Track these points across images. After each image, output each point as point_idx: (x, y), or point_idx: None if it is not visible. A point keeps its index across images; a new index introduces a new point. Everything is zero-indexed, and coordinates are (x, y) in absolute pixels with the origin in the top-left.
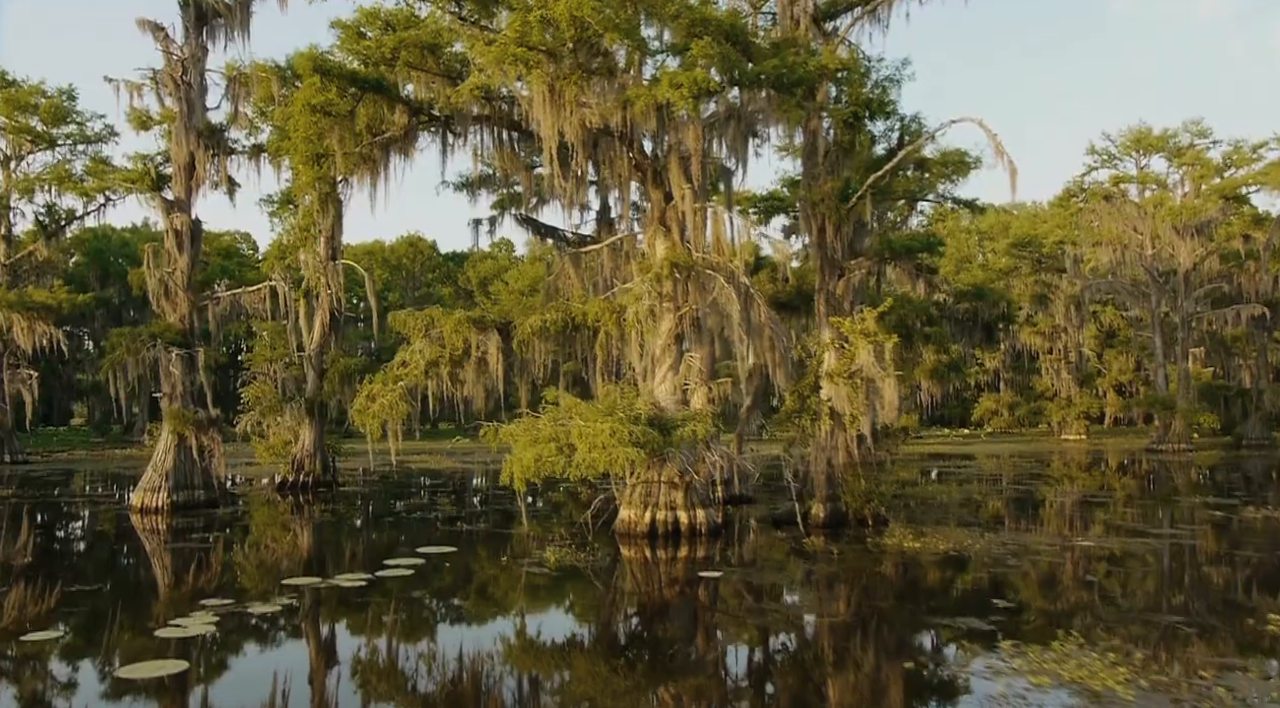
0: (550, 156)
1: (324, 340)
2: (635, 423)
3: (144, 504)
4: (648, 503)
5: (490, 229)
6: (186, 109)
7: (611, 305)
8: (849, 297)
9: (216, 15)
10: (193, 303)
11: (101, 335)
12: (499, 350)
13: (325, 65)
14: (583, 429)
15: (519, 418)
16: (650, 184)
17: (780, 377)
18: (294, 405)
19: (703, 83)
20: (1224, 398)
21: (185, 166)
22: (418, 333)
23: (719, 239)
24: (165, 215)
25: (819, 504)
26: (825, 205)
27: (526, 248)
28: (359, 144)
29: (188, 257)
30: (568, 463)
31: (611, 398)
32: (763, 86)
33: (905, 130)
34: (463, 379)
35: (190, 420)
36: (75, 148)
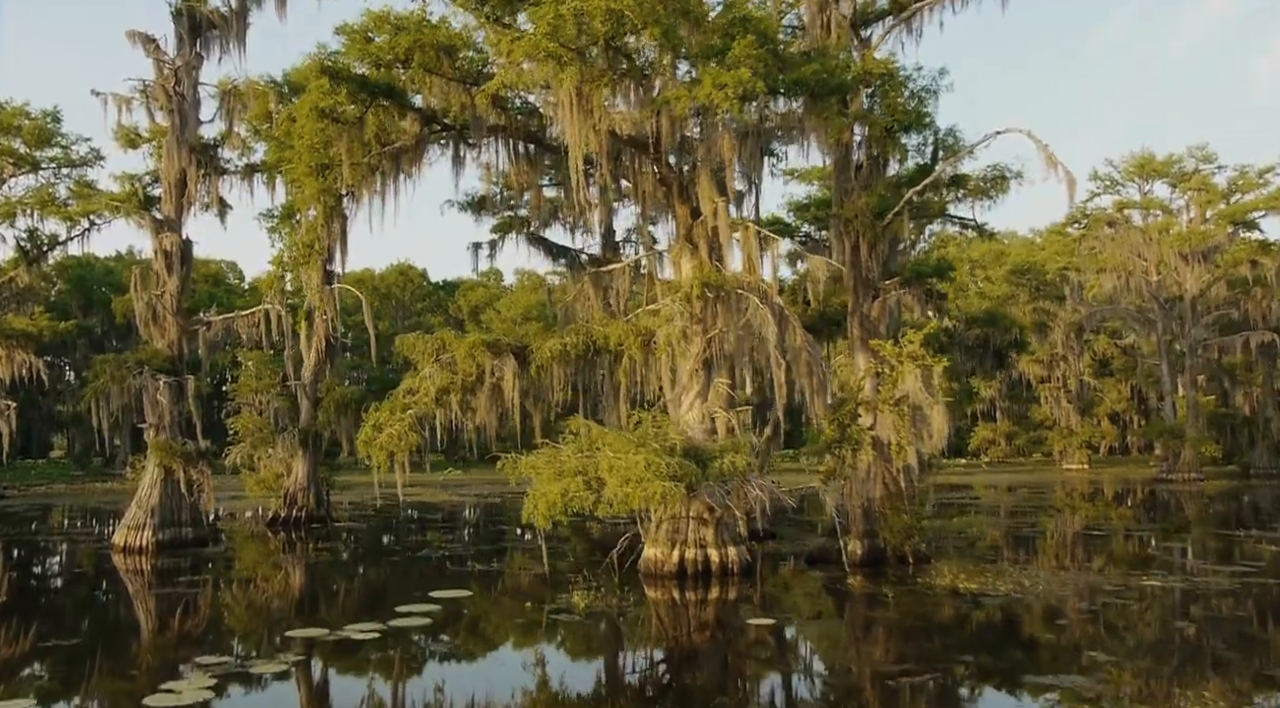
0: (575, 167)
1: (319, 369)
2: (670, 454)
3: (127, 543)
4: (675, 541)
5: (490, 253)
6: (179, 122)
7: (635, 328)
8: (884, 319)
9: (211, 26)
10: (182, 328)
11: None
12: (515, 377)
13: (334, 67)
14: (613, 462)
15: (539, 449)
16: (676, 199)
17: (818, 404)
18: (287, 437)
19: (747, 83)
20: (1230, 426)
21: (176, 183)
22: (427, 358)
23: (750, 257)
24: (154, 235)
25: (856, 540)
26: (860, 222)
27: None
28: (367, 154)
29: (177, 279)
30: (596, 499)
31: (643, 427)
32: (801, 93)
33: (940, 144)
34: (474, 408)
35: (178, 453)
36: (59, 171)
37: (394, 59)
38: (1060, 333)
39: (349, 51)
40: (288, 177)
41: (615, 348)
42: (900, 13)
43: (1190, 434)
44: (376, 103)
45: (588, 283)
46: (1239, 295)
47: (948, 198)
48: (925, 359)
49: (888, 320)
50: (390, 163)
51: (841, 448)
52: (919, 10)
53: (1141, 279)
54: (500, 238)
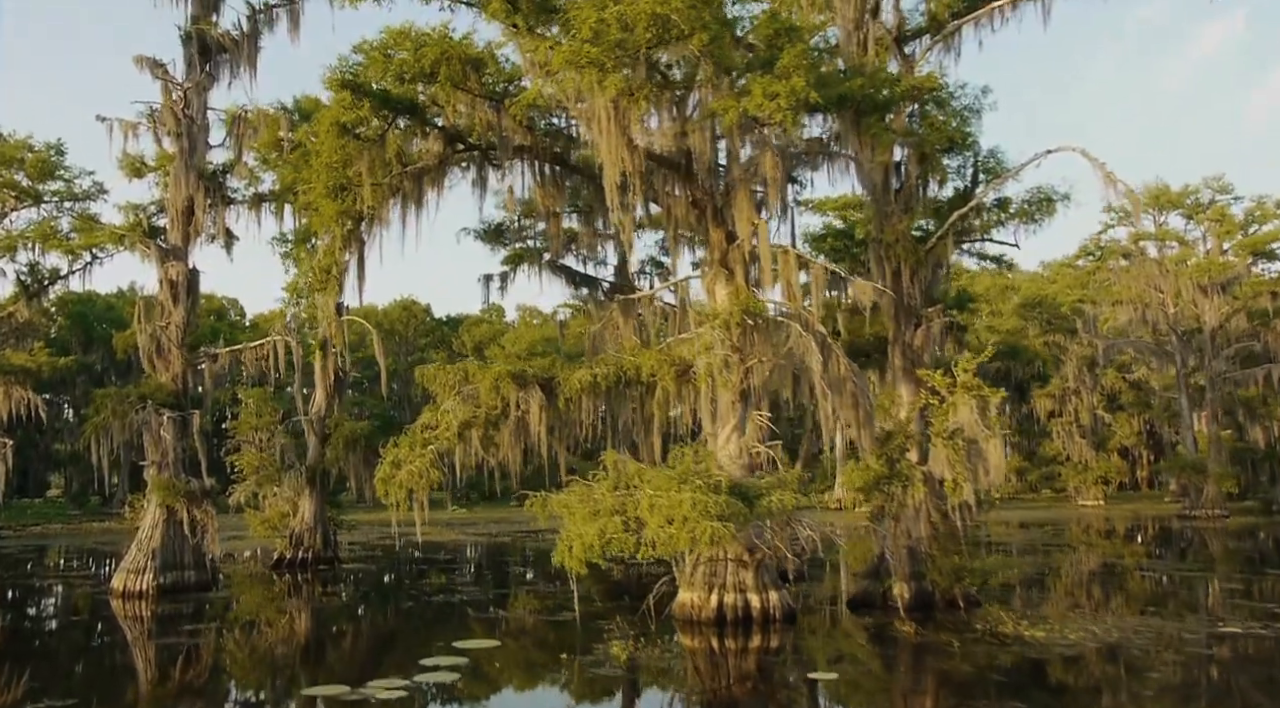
0: (610, 187)
1: (327, 404)
2: (715, 492)
3: (126, 587)
4: (713, 584)
5: (502, 285)
6: (188, 146)
7: (669, 358)
8: (928, 348)
9: (221, 50)
10: (187, 361)
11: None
12: (542, 409)
13: (356, 80)
14: (654, 500)
15: (567, 487)
16: (710, 222)
17: (865, 437)
18: (293, 474)
19: (801, 92)
20: (1250, 461)
21: (183, 211)
22: (449, 390)
23: (790, 283)
24: (159, 264)
25: (902, 583)
26: (901, 247)
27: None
28: (388, 175)
29: (183, 310)
30: (636, 541)
31: (684, 463)
32: (845, 109)
33: (981, 166)
34: (497, 443)
35: (181, 491)
36: (61, 205)
37: (419, 73)
38: (1072, 366)
39: (371, 66)
40: (303, 199)
41: (647, 379)
42: (938, 31)
43: (1214, 469)
44: (398, 120)
45: (617, 311)
46: (1258, 327)
47: (989, 221)
48: (981, 389)
49: (932, 350)
50: (412, 183)
51: (891, 485)
52: (959, 28)
53: (1159, 311)
54: (512, 269)
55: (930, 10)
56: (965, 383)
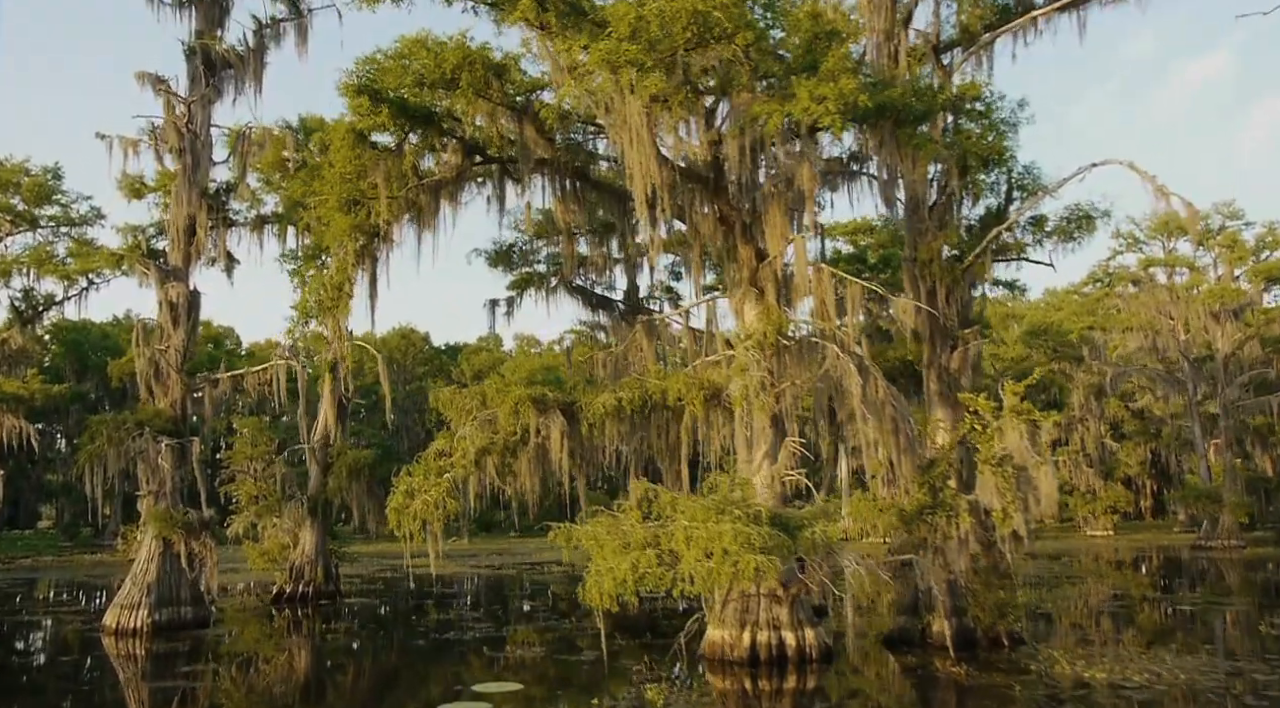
0: (641, 199)
1: (329, 431)
2: (756, 522)
3: (119, 624)
4: (745, 621)
5: (508, 310)
6: (191, 162)
7: (698, 381)
8: (965, 371)
9: (226, 66)
10: (187, 386)
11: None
12: (563, 436)
13: (374, 86)
14: (691, 532)
15: (596, 516)
16: (739, 240)
17: (905, 465)
18: (294, 504)
19: (850, 95)
20: (1264, 490)
21: (185, 230)
22: (465, 415)
23: (824, 302)
24: (158, 285)
25: (941, 620)
26: (937, 265)
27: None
28: (404, 187)
29: (183, 333)
30: (673, 576)
31: (721, 492)
32: (885, 118)
33: (1015, 183)
34: (515, 471)
35: (179, 523)
36: (58, 230)
37: (440, 78)
38: (1079, 395)
39: (389, 71)
40: (315, 212)
41: (674, 404)
42: (969, 43)
43: (1229, 499)
44: (416, 130)
45: (641, 333)
46: (1271, 355)
47: (1023, 241)
48: (1031, 413)
49: (970, 373)
50: (428, 197)
51: (935, 514)
52: (994, 40)
53: (1169, 338)
54: (519, 294)
55: (962, 22)
56: (1014, 407)
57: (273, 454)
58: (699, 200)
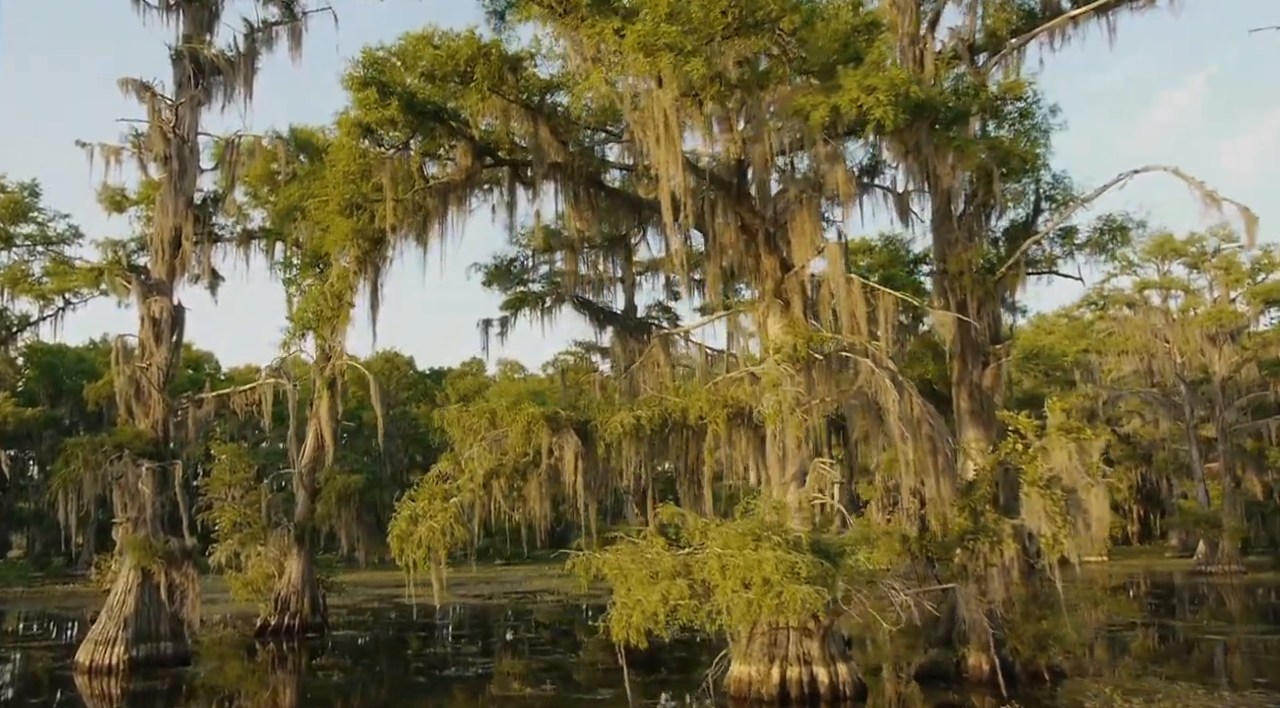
0: (666, 203)
1: (317, 455)
2: (796, 549)
3: (93, 661)
4: (774, 656)
5: (502, 331)
6: (177, 168)
7: (722, 398)
8: (999, 388)
9: (215, 72)
10: (169, 406)
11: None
12: (577, 457)
13: (382, 78)
14: (727, 560)
15: (617, 543)
16: (763, 248)
17: (944, 487)
18: (280, 532)
19: (902, 86)
20: (1261, 514)
21: (169, 242)
22: (473, 435)
23: (853, 314)
24: (140, 300)
25: (978, 653)
26: (968, 277)
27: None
28: (410, 190)
29: (166, 350)
30: (708, 610)
31: (756, 516)
32: (923, 119)
33: (1044, 194)
34: (525, 495)
35: (160, 552)
36: (34, 248)
37: (453, 70)
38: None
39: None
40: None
41: (695, 423)
42: (995, 50)
43: (1229, 523)
44: (424, 128)
45: (657, 348)
46: (1268, 378)
47: (1052, 253)
48: (1081, 431)
49: (1003, 390)
50: (436, 201)
51: (978, 540)
52: (1024, 44)
53: (1165, 361)
54: (513, 314)
55: (988, 26)
56: (1061, 424)
57: (251, 481)
58: (721, 207)
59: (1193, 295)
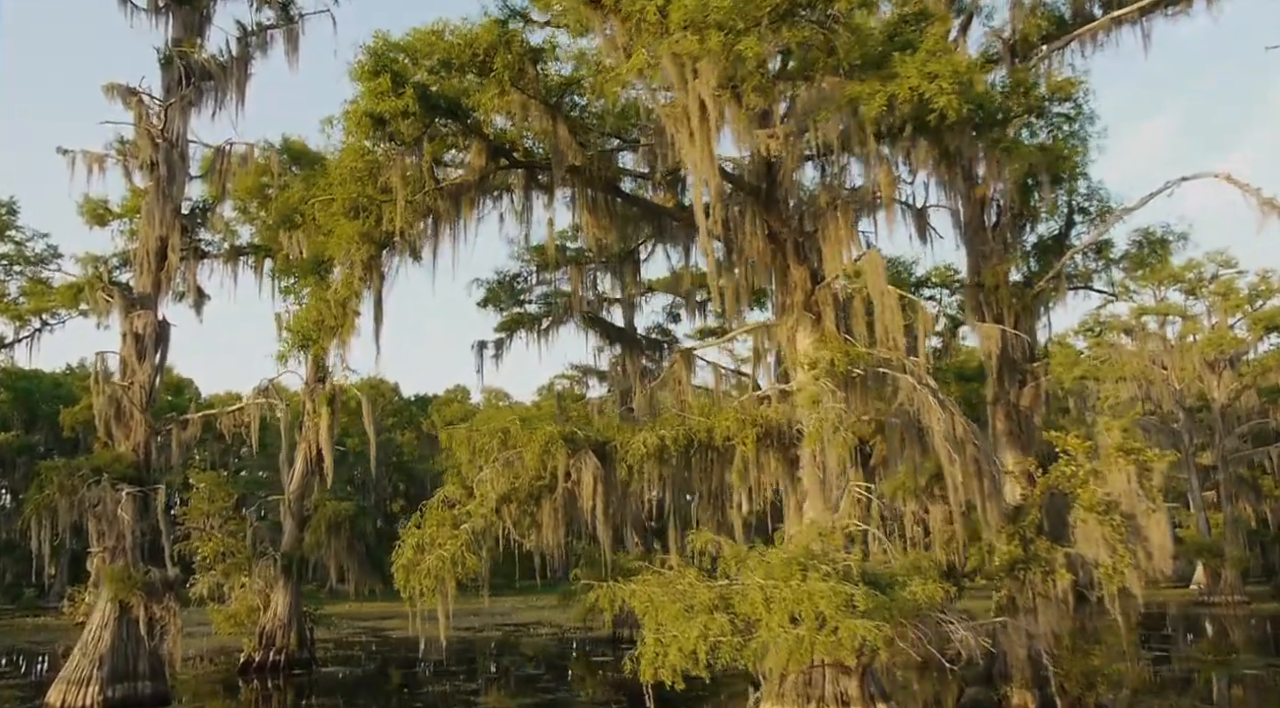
0: (699, 205)
1: (306, 481)
2: (848, 580)
3: (66, 702)
4: (809, 696)
5: (496, 353)
6: (166, 174)
7: (751, 417)
8: (1038, 408)
9: (207, 77)
10: (151, 428)
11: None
12: (597, 480)
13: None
14: (773, 592)
15: (642, 574)
16: (791, 258)
17: (991, 512)
18: (265, 563)
19: (965, 73)
20: (1260, 543)
21: (155, 253)
22: (482, 457)
23: (888, 328)
24: (123, 314)
25: (1021, 691)
26: (1005, 291)
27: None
28: (420, 191)
29: (150, 368)
30: (755, 647)
31: (801, 544)
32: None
33: (1077, 206)
34: (538, 521)
35: (139, 584)
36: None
37: (470, 59)
38: None
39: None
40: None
41: (722, 444)
42: (1027, 56)
43: (1231, 552)
44: (438, 123)
45: (679, 364)
46: (1267, 405)
47: (1088, 268)
48: (1143, 453)
49: (1042, 410)
50: (448, 203)
51: (1029, 570)
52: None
53: (1163, 388)
54: (508, 336)
55: (1021, 31)
56: (1121, 445)
57: (230, 510)
58: (749, 214)
59: (1191, 321)
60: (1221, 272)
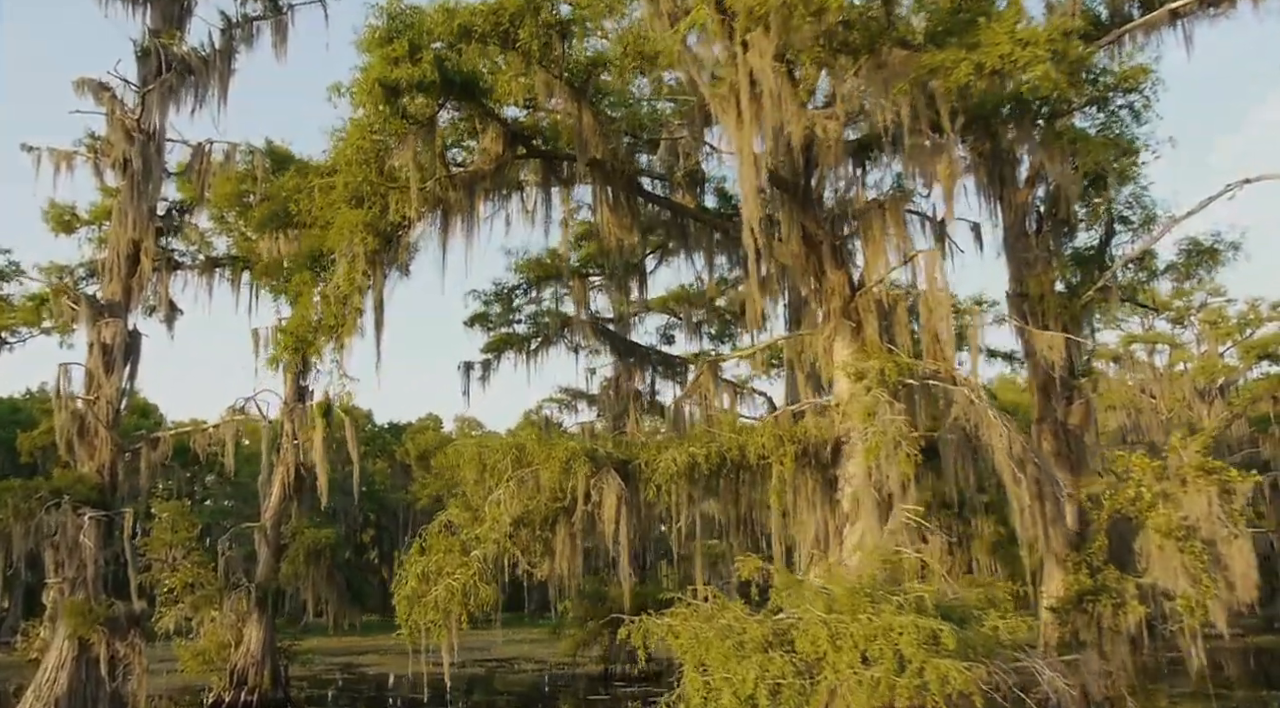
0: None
1: (283, 507)
2: (920, 612)
3: None
4: None
5: (483, 374)
6: (141, 169)
7: (789, 433)
8: (1088, 427)
9: (187, 71)
10: (119, 447)
11: None
12: (620, 501)
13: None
14: (840, 627)
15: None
16: (829, 262)
17: (1055, 539)
18: (238, 595)
19: (1060, 42)
20: None
21: (127, 257)
22: (496, 476)
23: (936, 336)
24: (90, 323)
25: None
26: (1051, 301)
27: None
28: (432, 177)
29: (118, 381)
30: (826, 690)
31: (864, 570)
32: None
33: (1116, 216)
34: (553, 547)
35: (101, 618)
36: None
37: (492, 30)
38: None
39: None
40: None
41: (756, 462)
42: None
43: None
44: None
45: (707, 374)
46: (1257, 434)
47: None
48: (1229, 473)
49: (1093, 430)
50: (461, 193)
51: (1099, 602)
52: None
53: (1151, 417)
54: (495, 357)
55: None
56: (1201, 465)
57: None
58: (784, 213)
59: (1180, 350)
60: (1210, 300)
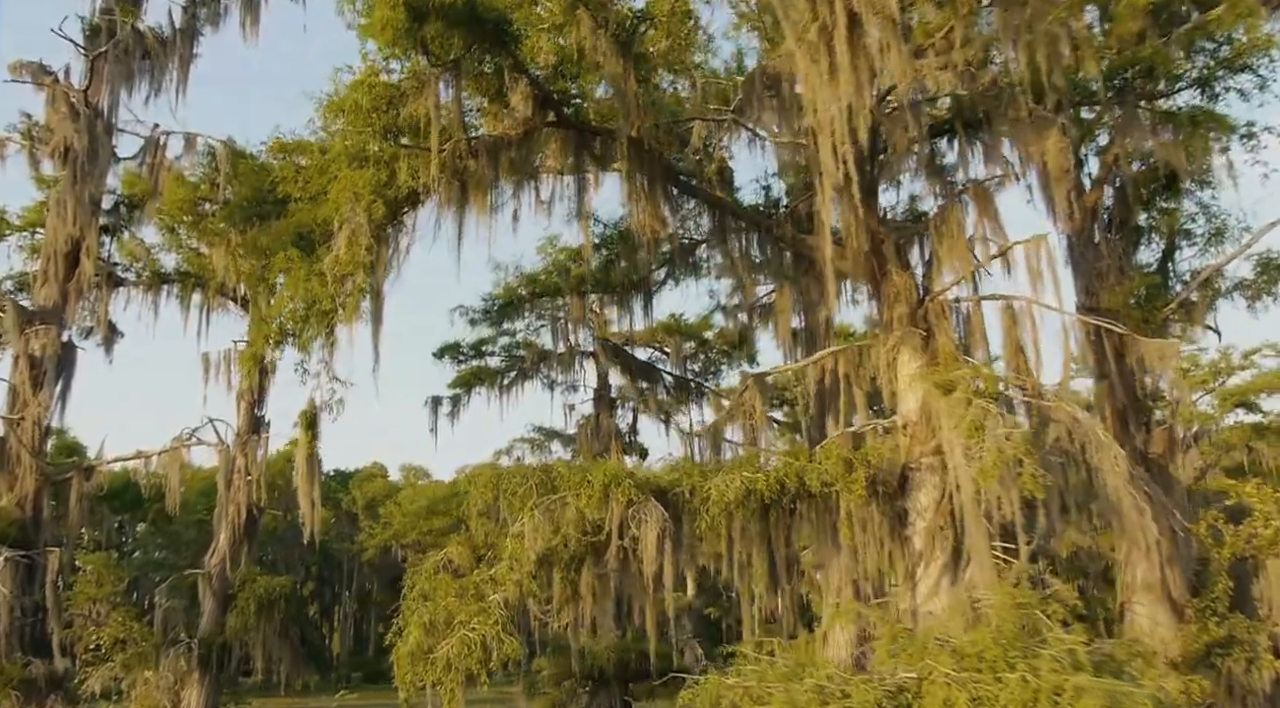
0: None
1: (233, 550)
2: (1076, 669)
3: None
4: None
5: (452, 410)
6: (86, 148)
7: (860, 457)
8: (1173, 457)
9: (143, 55)
10: (45, 476)
11: None
12: (663, 535)
13: None
14: (974, 687)
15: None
16: (893, 262)
17: (1173, 579)
18: (178, 652)
19: None
20: None
21: (65, 256)
22: (518, 505)
23: (1019, 348)
24: (16, 332)
25: None
26: (1126, 315)
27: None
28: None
29: (47, 398)
30: None
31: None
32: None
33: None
34: (579, 591)
35: (16, 680)
36: None
37: None
38: None
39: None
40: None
41: (819, 490)
42: None
43: None
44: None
45: (753, 391)
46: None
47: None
48: None
49: (1180, 459)
50: (484, 162)
51: (1229, 655)
52: None
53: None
54: (465, 392)
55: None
56: None
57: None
58: (844, 205)
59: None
60: (1184, 348)
